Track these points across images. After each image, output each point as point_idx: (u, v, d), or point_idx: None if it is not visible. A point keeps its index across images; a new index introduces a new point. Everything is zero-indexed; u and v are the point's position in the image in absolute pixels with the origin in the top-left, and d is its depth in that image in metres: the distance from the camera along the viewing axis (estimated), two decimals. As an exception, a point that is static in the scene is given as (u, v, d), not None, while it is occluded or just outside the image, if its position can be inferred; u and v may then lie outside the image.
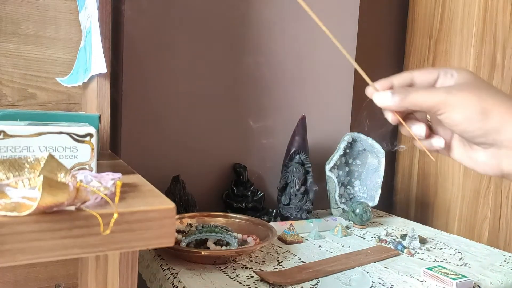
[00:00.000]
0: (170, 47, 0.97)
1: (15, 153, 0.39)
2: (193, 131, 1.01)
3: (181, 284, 0.65)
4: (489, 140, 0.40)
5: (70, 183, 0.31)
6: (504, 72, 1.20)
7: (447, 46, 1.26)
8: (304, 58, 1.14)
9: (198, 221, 0.86)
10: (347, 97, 1.23)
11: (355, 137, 1.09)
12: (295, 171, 1.01)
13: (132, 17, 0.92)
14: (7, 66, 0.82)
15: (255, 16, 1.06)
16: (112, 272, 0.42)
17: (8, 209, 0.30)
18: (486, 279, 0.73)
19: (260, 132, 1.10)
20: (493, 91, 0.40)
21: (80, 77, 0.77)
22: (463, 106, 0.39)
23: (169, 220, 0.35)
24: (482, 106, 0.39)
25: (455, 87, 0.41)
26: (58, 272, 0.62)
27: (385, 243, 0.89)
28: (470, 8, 1.20)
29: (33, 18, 0.82)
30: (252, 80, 1.07)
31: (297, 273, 0.70)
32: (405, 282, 0.70)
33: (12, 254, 0.29)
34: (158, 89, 0.96)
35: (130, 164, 0.61)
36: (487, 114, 0.39)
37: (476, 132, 0.40)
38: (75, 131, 0.41)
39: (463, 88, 0.40)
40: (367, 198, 1.11)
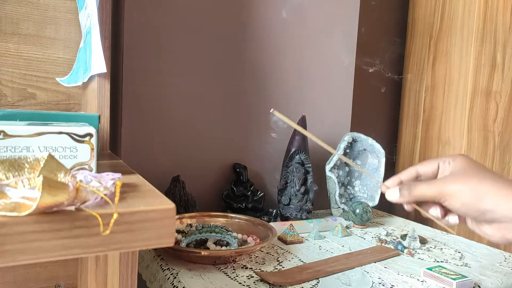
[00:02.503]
0: (170, 47, 0.97)
1: (15, 153, 0.39)
2: (193, 131, 1.01)
3: (181, 284, 0.65)
4: (488, 218, 0.47)
5: (70, 183, 0.31)
6: (504, 72, 1.20)
7: (447, 46, 1.26)
8: (304, 58, 1.14)
9: (198, 221, 0.86)
10: (347, 97, 1.23)
11: (355, 137, 1.09)
12: (295, 171, 1.01)
13: (132, 17, 0.92)
14: (7, 66, 0.82)
15: (256, 16, 1.06)
16: (112, 272, 0.42)
17: (8, 209, 0.29)
18: (486, 279, 0.73)
19: (260, 132, 1.10)
20: (484, 175, 0.46)
21: (80, 77, 0.77)
22: (458, 195, 0.46)
23: (169, 220, 0.35)
24: (474, 194, 0.45)
25: (449, 178, 0.48)
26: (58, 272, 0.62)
27: (385, 243, 0.89)
28: (470, 8, 1.20)
29: (33, 18, 0.82)
30: (252, 80, 1.07)
31: (297, 273, 0.70)
32: (405, 282, 0.70)
33: (12, 254, 0.29)
34: (158, 89, 0.96)
35: (130, 164, 0.61)
36: (480, 199, 0.45)
37: (474, 213, 0.47)
38: (75, 131, 0.41)
39: (457, 178, 0.47)
40: (367, 198, 1.11)
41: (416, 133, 1.36)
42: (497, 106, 1.21)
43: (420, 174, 0.53)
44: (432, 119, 1.30)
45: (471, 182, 0.46)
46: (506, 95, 1.21)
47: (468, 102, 1.20)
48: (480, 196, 0.45)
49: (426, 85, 1.33)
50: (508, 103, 1.21)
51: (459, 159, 0.49)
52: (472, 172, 0.47)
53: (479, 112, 1.20)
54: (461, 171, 0.48)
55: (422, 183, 0.49)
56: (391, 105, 1.45)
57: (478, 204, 0.46)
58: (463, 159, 0.49)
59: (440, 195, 0.47)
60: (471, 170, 0.47)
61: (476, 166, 0.48)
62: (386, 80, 1.45)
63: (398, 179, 0.53)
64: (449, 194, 0.47)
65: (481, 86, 1.20)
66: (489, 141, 1.20)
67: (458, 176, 0.47)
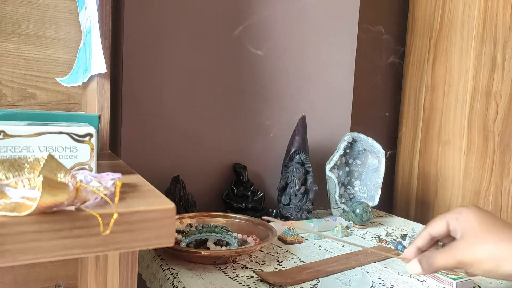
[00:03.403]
0: (170, 47, 0.97)
1: (15, 153, 0.39)
2: (193, 131, 1.01)
3: (181, 284, 0.65)
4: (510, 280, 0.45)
5: (70, 183, 0.31)
6: (504, 72, 1.20)
7: (447, 46, 1.26)
8: (304, 58, 1.14)
9: (198, 221, 0.86)
10: (347, 97, 1.23)
11: (355, 137, 1.09)
12: (295, 171, 1.01)
13: (132, 17, 0.92)
14: (7, 66, 0.82)
15: (256, 16, 1.06)
16: (112, 272, 0.42)
17: (8, 209, 0.29)
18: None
19: (260, 132, 1.10)
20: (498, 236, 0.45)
21: (80, 77, 0.77)
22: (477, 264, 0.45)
23: (169, 220, 0.35)
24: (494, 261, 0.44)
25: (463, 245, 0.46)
26: (58, 273, 0.62)
27: (385, 243, 0.89)
28: (470, 8, 1.20)
29: (33, 18, 0.82)
30: (252, 80, 1.07)
31: (297, 273, 0.70)
32: (405, 282, 0.70)
33: (12, 254, 0.29)
34: (158, 89, 0.96)
35: (130, 164, 0.61)
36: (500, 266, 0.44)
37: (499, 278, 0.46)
38: (75, 131, 0.41)
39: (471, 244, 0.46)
40: (367, 198, 1.11)
41: (416, 133, 1.36)
42: (497, 106, 1.21)
43: (435, 236, 0.51)
44: (432, 119, 1.30)
45: (487, 249, 0.45)
46: (506, 95, 1.21)
47: (468, 102, 1.20)
48: (500, 263, 0.44)
49: (426, 85, 1.33)
50: (508, 103, 1.21)
51: (466, 215, 0.48)
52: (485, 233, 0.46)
53: (479, 112, 1.20)
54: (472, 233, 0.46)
55: (439, 255, 0.48)
56: (391, 105, 1.45)
57: (499, 270, 0.44)
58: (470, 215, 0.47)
59: (459, 265, 0.47)
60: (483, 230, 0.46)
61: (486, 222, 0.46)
62: (386, 80, 1.45)
63: (415, 247, 0.52)
64: (468, 264, 0.46)
65: (481, 86, 1.20)
66: (489, 141, 1.20)
67: (472, 242, 0.46)
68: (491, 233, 0.45)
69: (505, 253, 0.44)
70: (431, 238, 0.51)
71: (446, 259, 0.47)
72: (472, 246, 0.46)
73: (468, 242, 0.46)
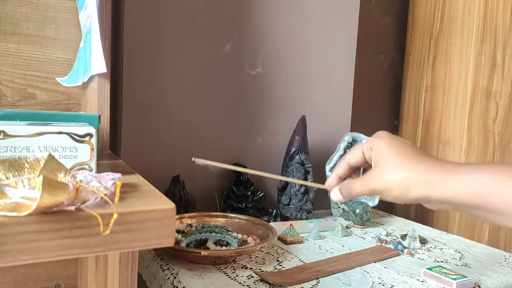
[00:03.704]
0: (170, 47, 0.97)
1: (15, 153, 0.39)
2: (193, 131, 1.01)
3: (181, 284, 0.65)
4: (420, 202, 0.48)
5: (70, 183, 0.31)
6: (504, 72, 1.20)
7: (447, 46, 1.26)
8: (304, 58, 1.14)
9: (198, 221, 0.86)
10: (347, 97, 1.23)
11: (355, 137, 1.09)
12: (295, 171, 1.01)
13: (132, 17, 0.92)
14: (7, 66, 0.82)
15: (256, 16, 1.06)
16: (112, 272, 0.42)
17: (8, 209, 0.29)
18: (486, 279, 0.73)
19: (260, 132, 1.10)
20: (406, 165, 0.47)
21: (80, 77, 0.77)
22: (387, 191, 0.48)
23: (169, 220, 0.35)
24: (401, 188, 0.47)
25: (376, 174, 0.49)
26: (58, 273, 0.62)
27: (385, 243, 0.89)
28: (470, 8, 1.20)
29: (33, 18, 0.82)
30: (252, 80, 1.07)
31: (297, 273, 0.70)
32: (405, 282, 0.70)
33: (12, 254, 0.29)
34: (158, 89, 0.96)
35: (130, 164, 0.61)
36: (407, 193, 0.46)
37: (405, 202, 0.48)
38: (75, 131, 0.41)
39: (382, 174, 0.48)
40: (367, 198, 1.11)
41: (416, 133, 1.36)
42: (497, 106, 1.21)
43: (352, 165, 0.54)
44: (432, 119, 1.30)
45: (396, 176, 0.47)
46: (506, 95, 1.21)
47: (468, 102, 1.20)
48: (407, 189, 0.46)
49: (426, 85, 1.33)
50: (508, 103, 1.21)
51: (377, 144, 0.50)
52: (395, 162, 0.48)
53: (479, 112, 1.20)
54: (383, 162, 0.49)
55: (356, 183, 0.51)
56: (391, 105, 1.45)
57: (407, 196, 0.47)
58: (381, 145, 0.49)
59: (373, 192, 0.50)
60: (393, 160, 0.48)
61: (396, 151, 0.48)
62: (386, 80, 1.45)
63: (336, 175, 0.55)
64: (380, 191, 0.49)
65: (481, 86, 1.20)
66: (489, 141, 1.20)
67: (382, 171, 0.48)
68: (399, 161, 0.47)
69: (412, 179, 0.46)
70: (349, 167, 0.54)
71: (361, 187, 0.50)
72: (383, 175, 0.48)
73: (379, 171, 0.49)
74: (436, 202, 0.47)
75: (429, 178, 0.45)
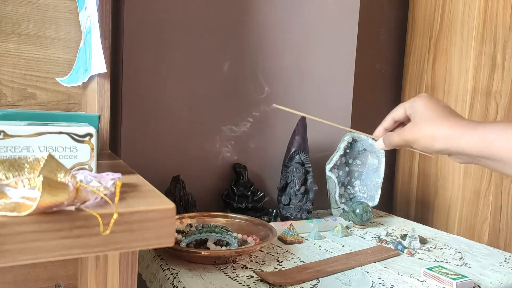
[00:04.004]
0: (170, 47, 0.97)
1: (15, 153, 0.39)
2: (193, 131, 1.01)
3: (181, 284, 0.65)
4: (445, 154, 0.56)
5: (70, 183, 0.31)
6: (504, 72, 1.20)
7: (447, 46, 1.26)
8: (304, 58, 1.14)
9: (198, 221, 0.86)
10: (347, 97, 1.23)
11: (355, 137, 1.09)
12: (295, 171, 1.01)
13: (132, 17, 0.92)
14: (7, 66, 0.81)
15: (255, 16, 1.06)
16: (112, 272, 0.42)
17: (8, 209, 0.29)
18: (486, 279, 0.73)
19: (260, 132, 1.10)
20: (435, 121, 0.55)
21: (80, 77, 0.77)
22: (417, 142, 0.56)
23: (169, 220, 0.35)
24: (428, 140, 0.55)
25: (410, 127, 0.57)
26: (58, 273, 0.62)
27: (385, 243, 0.89)
28: (470, 8, 1.20)
29: (33, 18, 0.82)
30: (252, 79, 1.07)
31: (297, 273, 0.70)
32: (405, 282, 0.70)
33: (12, 254, 0.29)
34: (158, 89, 0.96)
35: (130, 164, 0.61)
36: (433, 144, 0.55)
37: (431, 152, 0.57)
38: (75, 131, 0.41)
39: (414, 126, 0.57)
40: (367, 198, 1.11)
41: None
42: (497, 106, 1.21)
43: (396, 119, 0.61)
44: (432, 119, 1.30)
45: (425, 130, 0.55)
46: (506, 95, 1.21)
47: (468, 102, 1.20)
48: (433, 141, 0.54)
49: (426, 85, 1.33)
50: (508, 103, 1.21)
51: (417, 103, 0.57)
52: (426, 118, 0.55)
53: (479, 112, 1.20)
54: (418, 118, 0.56)
55: (394, 135, 0.60)
56: (391, 104, 1.45)
57: (432, 147, 0.55)
58: (420, 103, 0.57)
59: (406, 143, 0.58)
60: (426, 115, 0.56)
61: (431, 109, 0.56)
62: (386, 80, 1.45)
63: (382, 128, 0.64)
64: (411, 142, 0.57)
65: (481, 86, 1.20)
66: (489, 141, 1.20)
67: (416, 125, 0.56)
68: (430, 117, 0.55)
69: (437, 132, 0.54)
70: (394, 121, 0.62)
71: (398, 137, 0.59)
72: (415, 128, 0.56)
73: (413, 124, 0.57)
74: (456, 153, 0.54)
75: (451, 133, 0.53)
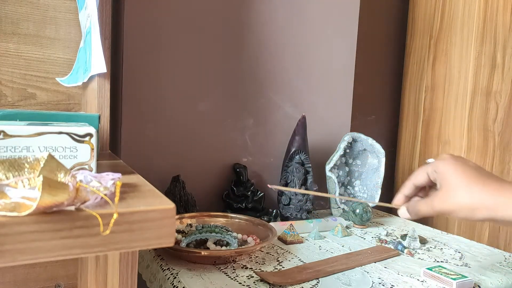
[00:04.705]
0: (170, 47, 0.97)
1: (15, 153, 0.39)
2: (193, 131, 1.01)
3: (181, 284, 0.65)
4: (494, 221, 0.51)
5: (70, 183, 0.31)
6: (504, 72, 1.20)
7: (447, 46, 1.26)
8: (304, 57, 1.14)
9: (198, 221, 0.86)
10: (347, 97, 1.23)
11: (355, 137, 1.09)
12: (295, 171, 1.01)
13: (132, 17, 0.92)
14: (7, 66, 0.81)
15: (255, 16, 1.06)
16: (112, 272, 0.42)
17: (8, 209, 0.29)
18: (486, 279, 0.73)
19: (260, 132, 1.10)
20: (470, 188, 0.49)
21: (80, 77, 0.77)
22: (454, 214, 0.51)
23: (169, 220, 0.35)
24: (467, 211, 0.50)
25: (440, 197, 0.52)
26: (58, 272, 0.62)
27: (385, 243, 0.89)
28: (470, 8, 1.19)
29: (33, 18, 0.82)
30: (252, 80, 1.07)
31: (297, 273, 0.70)
32: (405, 282, 0.70)
33: (12, 254, 0.29)
34: (158, 89, 0.96)
35: (130, 164, 0.61)
36: (474, 214, 0.49)
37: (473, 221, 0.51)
38: (75, 131, 0.41)
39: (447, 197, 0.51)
40: (367, 198, 1.11)
41: (416, 133, 1.36)
42: (497, 106, 1.21)
43: (418, 186, 0.57)
44: (432, 119, 1.30)
45: (461, 201, 0.50)
46: (506, 95, 1.21)
47: (468, 102, 1.20)
48: (473, 212, 0.49)
49: (426, 85, 1.33)
50: (508, 103, 1.21)
51: (442, 168, 0.52)
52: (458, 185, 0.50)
53: (479, 112, 1.20)
54: (447, 186, 0.51)
55: (422, 205, 0.54)
56: (391, 105, 1.45)
57: (474, 217, 0.50)
58: (445, 168, 0.52)
59: (439, 213, 0.53)
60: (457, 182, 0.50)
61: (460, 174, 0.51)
62: (386, 80, 1.45)
63: (403, 195, 0.58)
64: (447, 213, 0.52)
65: (481, 86, 1.20)
66: (489, 141, 1.20)
67: (447, 194, 0.51)
68: (464, 184, 0.50)
69: (477, 202, 0.49)
70: (415, 187, 0.57)
71: (427, 208, 0.54)
72: (448, 198, 0.51)
73: (443, 194, 0.52)
74: (502, 221, 0.49)
75: (494, 201, 0.48)
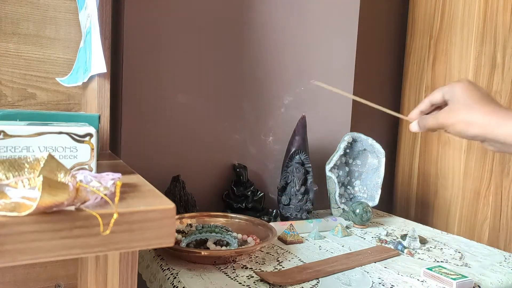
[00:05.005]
0: (170, 47, 0.97)
1: (15, 153, 0.39)
2: (193, 131, 1.01)
3: (181, 284, 0.65)
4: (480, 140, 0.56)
5: (70, 183, 0.31)
6: (504, 72, 1.20)
7: (447, 46, 1.26)
8: (304, 57, 1.14)
9: (198, 221, 0.86)
10: (347, 97, 1.23)
11: (355, 137, 1.09)
12: (295, 171, 1.01)
13: (132, 17, 0.92)
14: (7, 66, 0.81)
15: (255, 16, 1.06)
16: (112, 272, 0.42)
17: (8, 209, 0.29)
18: (486, 279, 0.73)
19: (260, 132, 1.10)
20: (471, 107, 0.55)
21: (80, 77, 0.77)
22: (452, 126, 0.57)
23: (169, 220, 0.35)
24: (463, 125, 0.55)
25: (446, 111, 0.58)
26: (58, 272, 0.62)
27: (385, 243, 0.89)
28: (470, 8, 1.20)
29: (33, 18, 0.82)
30: (252, 80, 1.07)
31: (297, 273, 0.70)
32: (405, 282, 0.70)
33: (12, 254, 0.29)
34: (158, 89, 0.96)
35: (130, 164, 0.61)
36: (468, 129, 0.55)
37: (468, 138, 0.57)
38: (75, 131, 0.41)
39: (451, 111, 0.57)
40: (367, 198, 1.11)
41: (416, 133, 1.36)
42: (497, 106, 1.20)
43: (434, 103, 0.62)
44: (432, 119, 1.30)
45: (461, 115, 0.55)
46: (506, 95, 1.21)
47: (468, 102, 1.20)
48: (468, 126, 0.55)
49: (426, 85, 1.33)
50: (508, 103, 1.21)
51: (456, 88, 0.57)
52: (463, 103, 0.56)
53: (479, 112, 1.20)
54: (455, 103, 0.57)
55: (429, 118, 0.60)
56: (391, 104, 1.45)
57: (467, 132, 0.55)
58: (458, 88, 0.57)
59: (441, 126, 0.58)
60: (463, 101, 0.56)
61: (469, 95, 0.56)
62: (386, 80, 1.45)
63: (418, 110, 0.64)
64: (446, 126, 0.57)
65: (481, 86, 1.20)
66: (489, 141, 1.20)
67: (452, 109, 0.57)
68: (468, 103, 0.56)
69: (473, 119, 0.54)
70: (431, 105, 0.62)
71: (433, 121, 0.59)
72: (451, 112, 0.57)
73: (449, 108, 0.58)
74: (491, 141, 0.55)
75: (487, 120, 0.53)
